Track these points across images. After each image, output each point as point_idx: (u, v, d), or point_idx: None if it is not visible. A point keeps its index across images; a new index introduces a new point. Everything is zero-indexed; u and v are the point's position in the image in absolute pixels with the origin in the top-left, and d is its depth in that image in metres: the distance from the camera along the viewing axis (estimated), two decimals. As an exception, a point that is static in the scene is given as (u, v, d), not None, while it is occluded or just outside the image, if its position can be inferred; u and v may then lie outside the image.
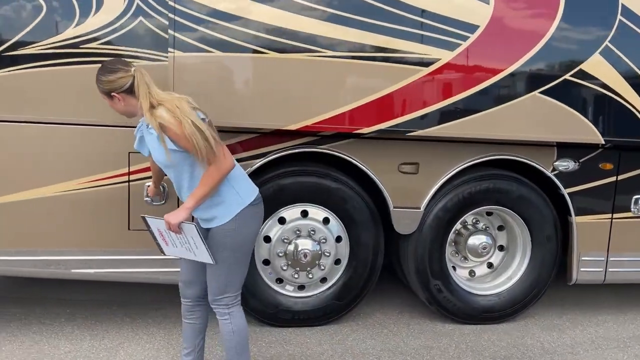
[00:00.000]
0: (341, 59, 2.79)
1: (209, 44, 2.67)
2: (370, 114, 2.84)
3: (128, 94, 2.25)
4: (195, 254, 2.37)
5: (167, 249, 2.47)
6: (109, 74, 2.24)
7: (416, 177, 3.33)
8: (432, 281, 3.51)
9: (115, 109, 2.35)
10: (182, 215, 2.26)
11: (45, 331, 3.27)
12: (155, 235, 2.43)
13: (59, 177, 2.98)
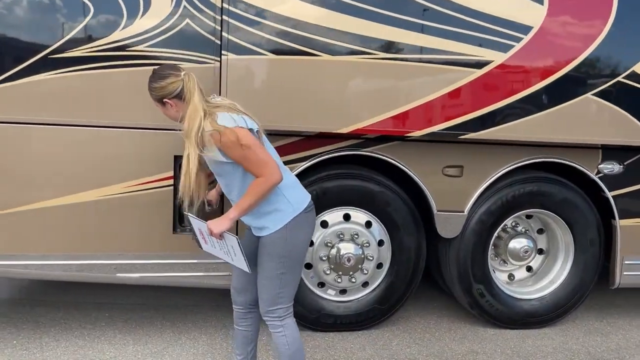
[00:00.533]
0: (393, 61, 2.75)
1: (261, 46, 2.64)
2: (422, 116, 2.81)
3: (179, 100, 2.21)
4: (233, 260, 2.33)
5: (206, 247, 2.45)
6: (160, 80, 2.21)
7: (460, 180, 3.29)
8: (475, 285, 3.47)
9: (169, 115, 2.32)
10: (225, 225, 2.22)
11: (88, 336, 3.25)
12: (196, 232, 2.42)
13: (104, 181, 2.96)
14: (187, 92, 2.18)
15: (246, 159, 2.16)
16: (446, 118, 2.83)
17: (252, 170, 2.18)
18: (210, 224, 2.23)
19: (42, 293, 3.89)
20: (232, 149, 2.14)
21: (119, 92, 2.92)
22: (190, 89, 2.18)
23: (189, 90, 2.18)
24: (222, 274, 3.14)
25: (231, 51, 2.62)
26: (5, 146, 2.86)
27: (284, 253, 2.28)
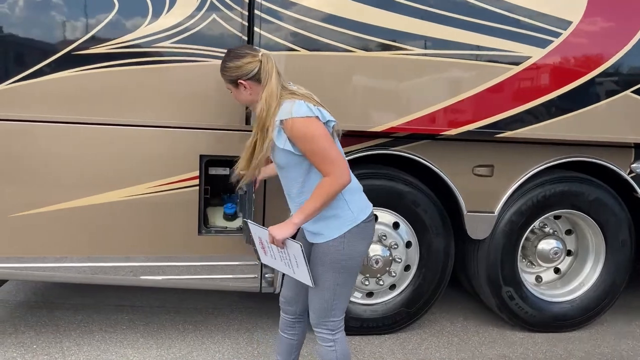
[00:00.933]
0: (427, 58, 2.66)
1: (295, 42, 2.55)
2: (458, 114, 2.72)
3: (255, 82, 2.07)
4: (294, 272, 2.18)
5: (265, 258, 2.32)
6: (236, 59, 2.08)
7: (491, 179, 3.21)
8: (504, 288, 3.39)
9: (240, 99, 2.19)
10: (289, 230, 2.06)
11: (109, 339, 3.17)
12: (255, 242, 2.29)
13: (128, 181, 2.87)
14: (264, 74, 2.05)
15: (315, 153, 2.00)
16: (482, 116, 2.74)
17: (320, 168, 2.02)
18: (273, 230, 2.08)
19: (58, 296, 3.81)
20: (302, 141, 2.00)
21: (143, 89, 2.82)
22: (268, 71, 2.05)
23: (267, 72, 2.05)
24: (248, 276, 3.06)
25: (263, 47, 2.53)
26: (27, 146, 2.77)
27: (340, 264, 2.13)
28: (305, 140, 1.99)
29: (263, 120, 2.03)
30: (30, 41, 2.74)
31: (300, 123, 1.98)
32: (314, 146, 2.00)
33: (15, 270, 2.87)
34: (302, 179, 2.11)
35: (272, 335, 3.31)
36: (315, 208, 2.03)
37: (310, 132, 1.99)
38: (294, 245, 2.07)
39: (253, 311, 3.67)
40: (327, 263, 2.13)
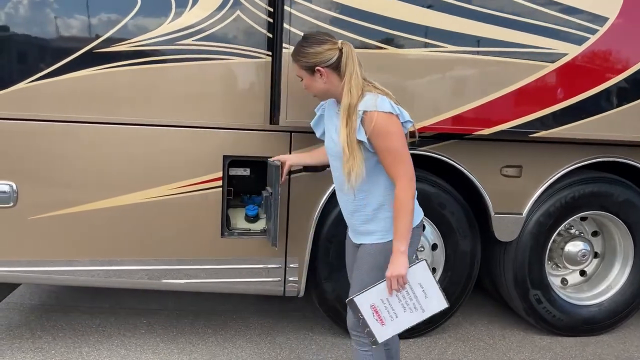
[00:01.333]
0: (460, 54, 2.58)
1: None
2: (491, 113, 2.64)
3: (332, 70, 1.99)
4: (424, 308, 2.01)
5: (383, 331, 2.01)
6: (316, 45, 1.99)
7: (519, 180, 3.13)
8: (532, 291, 3.31)
9: (313, 87, 2.08)
10: (404, 259, 1.94)
11: (129, 344, 3.10)
12: (367, 318, 2.00)
13: (149, 183, 2.80)
14: (346, 62, 1.97)
15: (390, 152, 1.94)
16: (516, 115, 2.66)
17: (391, 168, 1.95)
18: (391, 272, 1.93)
19: (73, 299, 3.73)
20: (380, 137, 1.92)
21: (165, 88, 2.76)
22: (353, 60, 1.97)
23: (351, 60, 1.97)
24: (272, 279, 2.99)
25: (293, 43, 2.44)
26: (47, 146, 2.71)
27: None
28: (383, 137, 1.93)
29: (350, 109, 1.95)
30: (51, 39, 2.68)
31: (382, 118, 1.92)
32: (390, 144, 1.94)
33: (35, 274, 2.80)
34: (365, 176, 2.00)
35: (294, 340, 3.23)
36: (408, 223, 1.95)
37: (390, 129, 1.93)
38: (419, 267, 1.97)
39: (272, 314, 3.59)
40: (376, 265, 2.05)
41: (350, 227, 2.21)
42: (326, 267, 3.10)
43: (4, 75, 2.64)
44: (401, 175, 1.95)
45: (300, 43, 2.06)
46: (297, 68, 2.08)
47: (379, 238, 2.07)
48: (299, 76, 2.10)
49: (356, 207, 2.10)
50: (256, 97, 2.82)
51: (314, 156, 2.57)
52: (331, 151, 2.12)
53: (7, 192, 2.68)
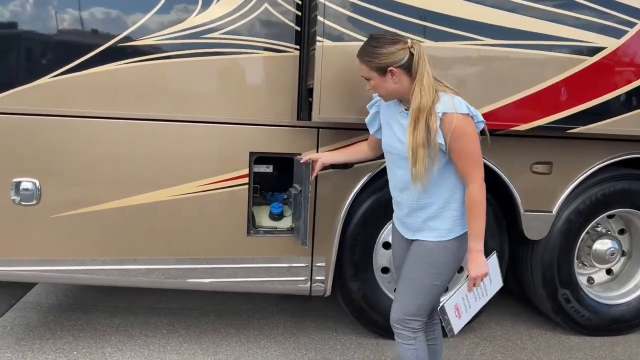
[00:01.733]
0: (496, 48, 2.50)
1: (361, 32, 2.40)
2: (527, 109, 2.56)
3: (403, 71, 1.93)
4: (488, 293, 2.15)
5: (459, 323, 2.12)
6: (389, 44, 1.92)
7: (549, 177, 3.06)
8: (560, 291, 3.24)
9: (383, 88, 2.00)
10: (483, 258, 2.01)
11: (152, 344, 3.04)
12: (450, 317, 2.08)
13: (175, 180, 2.73)
14: (418, 63, 1.91)
15: (466, 154, 1.92)
16: (553, 111, 2.57)
17: (465, 170, 1.95)
18: (475, 272, 1.99)
19: (91, 298, 3.67)
20: (458, 140, 1.89)
21: (191, 83, 2.69)
22: (424, 60, 1.92)
23: (423, 61, 1.92)
24: (298, 278, 2.93)
25: (327, 37, 2.38)
26: (70, 143, 2.64)
27: (446, 265, 2.05)
28: (461, 139, 1.90)
29: (421, 110, 1.89)
30: (75, 33, 2.60)
31: (461, 120, 1.89)
32: (467, 146, 1.92)
33: (59, 274, 2.74)
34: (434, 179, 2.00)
35: (319, 340, 3.18)
36: (483, 223, 1.99)
37: (468, 130, 1.91)
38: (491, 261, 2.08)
39: (294, 314, 3.53)
40: (433, 263, 2.06)
41: (406, 224, 2.16)
42: (352, 266, 3.03)
43: (27, 70, 2.57)
44: (476, 176, 1.97)
45: (369, 43, 1.99)
46: (365, 69, 2.00)
47: (441, 235, 2.05)
48: (366, 77, 2.02)
49: (421, 205, 2.07)
50: (283, 93, 2.75)
51: (347, 154, 2.53)
52: (394, 150, 2.06)
53: (31, 190, 2.61)
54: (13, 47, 2.57)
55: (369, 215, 2.99)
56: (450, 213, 2.04)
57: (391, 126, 2.08)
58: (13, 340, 3.02)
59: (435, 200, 2.04)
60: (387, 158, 2.17)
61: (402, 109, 2.05)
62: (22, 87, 2.56)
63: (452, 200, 2.04)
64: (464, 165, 1.96)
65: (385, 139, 2.14)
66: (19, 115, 2.58)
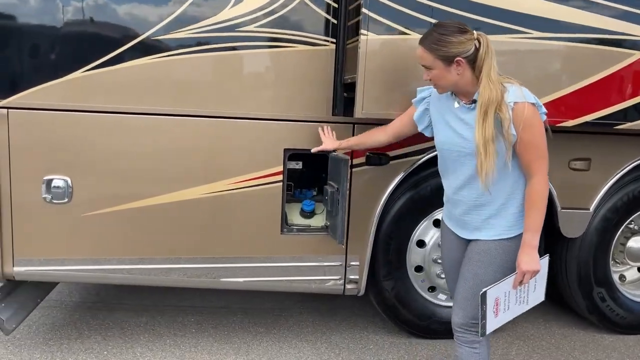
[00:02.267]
0: (544, 41, 2.42)
1: (405, 24, 2.32)
2: (575, 104, 2.49)
3: (468, 63, 1.86)
4: (528, 301, 2.05)
5: (494, 323, 1.99)
6: (458, 33, 1.84)
7: (587, 174, 2.99)
8: (596, 289, 3.18)
9: (443, 79, 1.92)
10: (536, 254, 1.92)
11: (182, 344, 2.98)
12: (487, 311, 1.94)
13: (207, 178, 2.67)
14: (485, 55, 1.85)
15: (534, 146, 1.86)
16: (601, 106, 2.51)
17: (531, 163, 1.88)
18: (526, 267, 1.90)
19: (114, 296, 3.62)
20: (527, 129, 1.83)
21: (224, 78, 2.62)
22: (491, 52, 1.86)
23: (490, 53, 1.85)
24: (332, 277, 2.87)
25: (373, 30, 2.30)
26: (101, 138, 2.57)
27: (508, 265, 1.97)
28: (530, 129, 1.84)
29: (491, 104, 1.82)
30: (107, 26, 2.52)
31: (531, 110, 1.84)
32: (535, 138, 1.86)
33: (91, 273, 2.68)
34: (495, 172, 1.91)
35: (350, 339, 3.12)
36: (542, 218, 1.93)
37: (536, 121, 1.86)
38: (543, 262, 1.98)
39: (322, 312, 3.48)
40: (497, 263, 1.99)
41: (462, 223, 2.09)
42: (385, 265, 2.97)
43: (58, 64, 2.50)
44: (541, 169, 1.90)
45: (437, 31, 1.89)
46: (429, 58, 1.90)
47: (501, 233, 1.99)
48: (428, 66, 1.93)
49: (481, 202, 2.00)
50: (318, 87, 2.68)
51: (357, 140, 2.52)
52: (455, 147, 1.98)
53: (62, 188, 2.55)
54: (44, 41, 2.49)
55: (404, 213, 2.93)
56: (511, 210, 1.97)
57: (448, 122, 2.01)
58: (40, 340, 2.97)
59: (496, 197, 1.97)
60: (444, 155, 2.08)
61: (459, 104, 1.98)
62: (53, 82, 2.49)
63: (514, 197, 1.97)
64: (531, 157, 1.89)
65: (440, 137, 2.06)
66: (50, 111, 2.52)
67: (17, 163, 2.52)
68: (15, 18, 2.47)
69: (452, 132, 1.99)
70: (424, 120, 2.21)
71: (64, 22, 2.49)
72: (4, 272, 2.61)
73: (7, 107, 2.48)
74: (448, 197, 2.15)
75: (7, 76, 2.48)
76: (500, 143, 1.86)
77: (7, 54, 2.47)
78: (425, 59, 1.92)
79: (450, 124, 2.00)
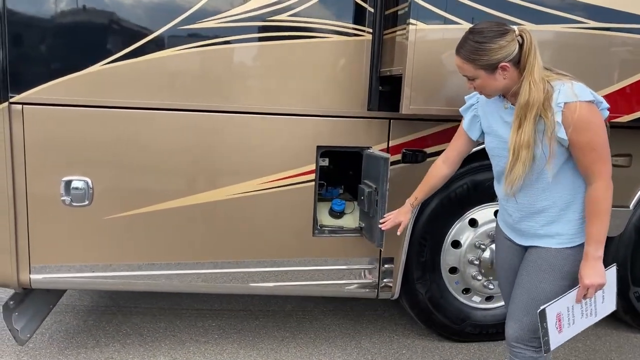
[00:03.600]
0: (599, 32, 2.29)
1: (456, 13, 2.17)
2: (631, 98, 2.37)
3: (514, 64, 1.70)
4: (597, 313, 1.87)
5: (558, 338, 1.84)
6: (498, 37, 1.67)
7: (628, 170, 2.88)
8: (632, 289, 3.09)
9: (489, 87, 1.76)
10: (601, 266, 1.76)
11: (206, 351, 2.83)
12: (549, 327, 1.80)
13: (236, 177, 2.51)
14: (528, 53, 1.67)
15: (594, 148, 1.67)
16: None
17: (592, 167, 1.70)
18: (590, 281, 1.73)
19: (127, 299, 3.45)
20: (584, 131, 1.65)
21: (254, 70, 2.46)
22: (535, 49, 1.68)
23: (533, 50, 1.68)
24: (365, 281, 2.74)
25: (422, 19, 2.14)
26: (123, 136, 2.39)
27: (572, 275, 1.81)
28: (587, 130, 1.65)
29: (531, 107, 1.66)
30: (128, 17, 2.33)
31: (585, 109, 1.64)
32: (595, 138, 1.66)
33: (113, 280, 2.51)
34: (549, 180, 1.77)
35: (381, 344, 2.99)
36: (606, 227, 1.74)
37: (595, 120, 1.65)
38: (609, 273, 1.81)
39: (346, 315, 3.35)
40: (560, 273, 1.82)
41: (519, 231, 1.93)
42: (419, 267, 2.84)
43: (76, 57, 2.31)
44: (603, 173, 1.72)
45: (473, 39, 1.71)
46: (469, 69, 1.74)
47: (564, 242, 1.82)
48: (470, 77, 1.77)
49: (538, 209, 1.84)
50: (353, 81, 2.53)
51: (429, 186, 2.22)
52: (503, 152, 1.82)
53: (82, 189, 2.37)
54: (62, 32, 2.30)
55: (439, 213, 2.79)
56: (573, 216, 1.81)
57: (496, 127, 1.85)
58: (56, 350, 2.80)
59: (554, 202, 1.82)
60: (496, 161, 1.93)
61: (507, 105, 1.82)
62: (71, 76, 2.31)
63: (574, 201, 1.81)
64: (589, 161, 1.71)
65: (489, 143, 1.92)
66: (68, 107, 2.33)
67: (34, 163, 2.34)
68: (29, 9, 2.27)
69: (499, 138, 1.85)
70: (474, 127, 2.02)
71: (81, 12, 2.30)
72: (20, 280, 2.43)
73: (22, 103, 2.29)
74: (502, 205, 2.00)
75: (22, 70, 2.28)
76: (539, 149, 1.71)
77: (21, 47, 2.27)
78: (466, 69, 1.76)
79: (497, 130, 1.86)
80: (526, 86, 1.66)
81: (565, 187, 1.81)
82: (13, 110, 2.29)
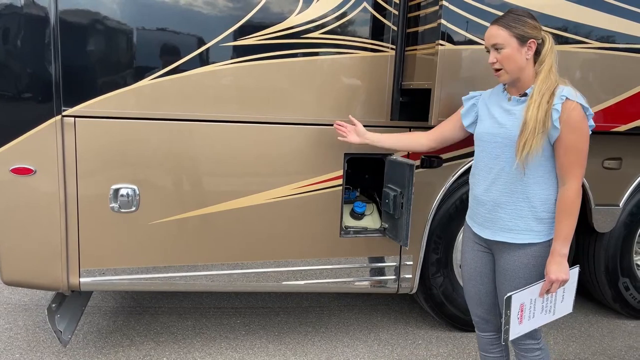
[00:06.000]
0: (603, 51, 2.57)
1: (480, 35, 2.40)
2: (628, 109, 2.66)
3: (536, 53, 1.92)
4: (555, 311, 1.99)
5: (517, 329, 1.95)
6: (533, 20, 1.91)
7: (618, 172, 3.20)
8: (621, 279, 3.42)
9: (511, 61, 1.89)
10: (565, 263, 1.88)
11: (237, 347, 3.01)
12: (512, 316, 1.91)
13: (272, 183, 2.70)
14: (549, 50, 1.90)
15: (575, 151, 1.84)
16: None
17: (567, 170, 1.86)
18: (555, 275, 1.86)
19: (150, 299, 3.59)
20: (572, 131, 1.83)
21: (289, 83, 2.65)
22: (554, 51, 1.92)
23: (553, 51, 1.92)
24: (386, 277, 2.96)
25: (450, 40, 2.37)
26: (168, 146, 2.55)
27: (541, 269, 1.95)
28: (574, 132, 1.83)
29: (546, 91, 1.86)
30: (176, 33, 2.49)
31: (581, 113, 1.85)
32: (579, 142, 1.83)
33: (159, 281, 2.66)
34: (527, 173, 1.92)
35: (397, 336, 3.22)
36: (573, 226, 1.88)
37: (583, 125, 1.86)
38: (572, 273, 1.94)
39: (361, 309, 3.57)
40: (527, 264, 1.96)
41: (492, 221, 2.02)
42: (435, 262, 3.09)
43: (127, 72, 2.46)
44: (576, 176, 1.87)
45: (513, 12, 1.93)
46: (504, 35, 1.89)
47: (533, 237, 1.95)
48: (499, 46, 1.91)
49: (512, 200, 1.95)
50: (378, 93, 2.75)
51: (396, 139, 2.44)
52: (493, 138, 1.97)
53: (129, 196, 2.52)
54: (112, 49, 2.44)
55: (452, 213, 3.04)
56: (541, 214, 1.93)
57: (493, 115, 2.01)
58: (93, 349, 2.93)
59: (527, 197, 1.94)
60: (481, 148, 2.05)
61: (510, 97, 1.99)
62: (122, 90, 2.45)
63: (547, 201, 1.93)
64: (569, 162, 1.85)
65: (481, 128, 2.05)
66: (117, 120, 2.48)
67: (85, 172, 2.48)
68: (81, 28, 2.41)
69: (494, 122, 1.99)
70: (470, 115, 2.18)
71: (131, 29, 2.45)
72: (70, 283, 2.56)
73: (74, 116, 2.42)
74: (475, 197, 2.09)
75: (74, 85, 2.41)
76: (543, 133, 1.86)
77: (73, 63, 2.41)
78: (500, 36, 1.90)
79: (494, 115, 2.01)
80: (545, 74, 1.88)
81: (540, 184, 1.93)
82: (65, 123, 2.42)
